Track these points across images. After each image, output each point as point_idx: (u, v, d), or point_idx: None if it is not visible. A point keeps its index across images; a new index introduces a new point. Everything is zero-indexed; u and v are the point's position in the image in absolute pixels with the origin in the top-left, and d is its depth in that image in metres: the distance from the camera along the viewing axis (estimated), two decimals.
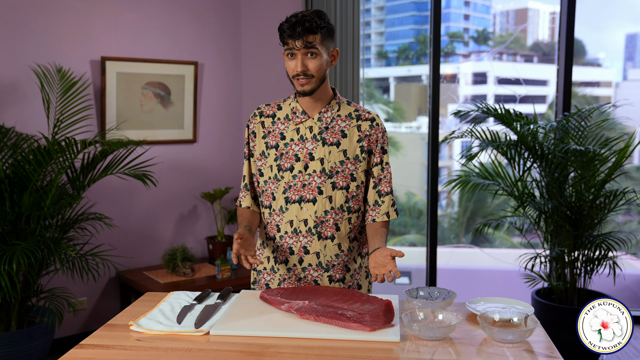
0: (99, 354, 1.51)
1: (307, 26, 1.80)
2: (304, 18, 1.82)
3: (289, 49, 1.85)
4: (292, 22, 1.83)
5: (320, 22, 1.83)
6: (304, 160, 1.93)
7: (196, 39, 4.19)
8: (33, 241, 2.99)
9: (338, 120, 1.95)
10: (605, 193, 3.56)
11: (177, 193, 4.20)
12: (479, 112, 3.76)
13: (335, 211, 1.94)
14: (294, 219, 1.94)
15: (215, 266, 3.92)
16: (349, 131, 1.94)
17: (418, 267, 5.37)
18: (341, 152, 1.93)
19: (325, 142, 1.93)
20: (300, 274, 1.98)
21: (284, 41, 1.86)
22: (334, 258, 1.97)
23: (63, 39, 3.66)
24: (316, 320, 1.68)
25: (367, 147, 1.95)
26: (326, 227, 1.94)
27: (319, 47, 1.84)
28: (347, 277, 2.01)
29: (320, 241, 1.94)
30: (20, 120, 3.53)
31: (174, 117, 4.11)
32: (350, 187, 1.94)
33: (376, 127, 1.96)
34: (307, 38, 1.81)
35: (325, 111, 1.94)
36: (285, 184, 1.94)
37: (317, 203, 1.92)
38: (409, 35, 7.47)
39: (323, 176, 1.92)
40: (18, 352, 3.08)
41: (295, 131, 1.95)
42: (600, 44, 6.23)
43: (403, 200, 7.56)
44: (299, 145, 1.93)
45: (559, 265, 3.70)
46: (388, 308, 1.68)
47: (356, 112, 1.97)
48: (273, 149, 1.96)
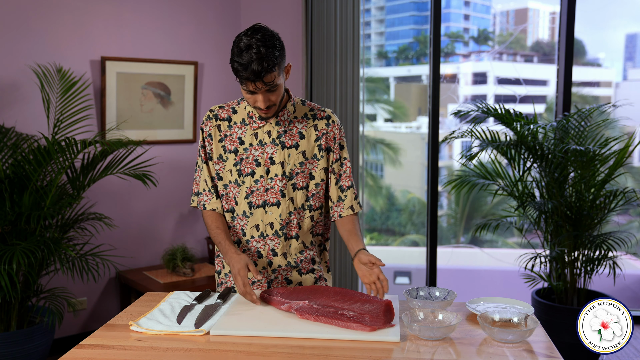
0: (99, 354, 1.51)
1: (266, 67, 1.69)
2: (260, 58, 1.68)
3: (248, 90, 1.76)
4: (245, 64, 1.69)
5: (274, 57, 1.71)
6: (265, 165, 1.93)
7: (196, 39, 4.19)
8: (33, 241, 2.99)
9: (295, 122, 1.95)
10: (605, 193, 3.56)
11: (177, 193, 4.20)
12: (479, 112, 3.76)
13: (298, 211, 1.96)
14: (259, 223, 1.95)
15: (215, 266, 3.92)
16: (307, 132, 1.95)
17: (418, 267, 5.37)
18: (300, 154, 1.94)
19: (285, 146, 1.93)
20: (270, 276, 2.00)
21: (241, 81, 1.74)
22: (299, 255, 2.00)
23: (63, 39, 3.66)
24: (316, 320, 1.68)
25: (325, 145, 1.97)
26: (291, 228, 1.96)
27: (278, 79, 1.76)
28: (316, 268, 2.05)
29: (286, 241, 1.97)
30: (20, 120, 3.53)
31: (174, 117, 4.12)
32: (309, 186, 1.96)
33: (332, 124, 1.98)
34: (266, 79, 1.71)
35: (282, 114, 1.93)
36: (247, 189, 1.94)
37: (281, 206, 1.93)
38: (409, 35, 7.47)
39: (284, 179, 1.93)
40: (18, 352, 3.08)
41: (254, 136, 1.94)
42: (600, 44, 6.23)
43: (403, 201, 7.56)
44: (259, 150, 1.93)
45: (559, 265, 3.70)
46: (388, 308, 1.68)
47: (311, 112, 1.98)
48: (232, 153, 1.95)
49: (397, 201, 7.58)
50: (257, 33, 1.72)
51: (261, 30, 1.74)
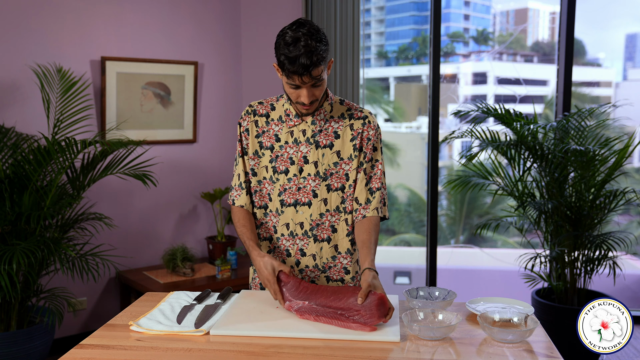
0: (99, 354, 1.51)
1: (315, 60, 1.68)
2: (309, 51, 1.67)
3: (294, 84, 1.74)
4: (294, 58, 1.68)
5: (322, 51, 1.70)
6: (299, 163, 1.91)
7: (196, 39, 4.19)
8: (33, 241, 2.99)
9: (331, 122, 1.92)
10: (605, 193, 3.56)
11: (177, 193, 4.20)
12: (479, 112, 3.76)
13: (330, 213, 1.93)
14: (290, 222, 1.94)
15: (215, 266, 3.92)
16: (342, 131, 1.93)
17: (418, 267, 5.37)
18: (335, 154, 1.92)
19: (319, 145, 1.91)
20: (297, 275, 1.97)
21: (287, 74, 1.72)
22: (330, 260, 1.96)
23: (63, 39, 3.66)
24: (316, 320, 1.68)
25: (359, 145, 1.93)
26: (322, 230, 1.93)
27: (324, 74, 1.75)
28: (347, 279, 1.99)
29: (316, 244, 1.94)
30: (20, 120, 3.53)
31: (174, 117, 4.11)
32: (345, 187, 1.93)
33: (368, 124, 1.94)
34: (314, 73, 1.70)
35: (318, 113, 1.91)
36: (280, 187, 1.93)
37: (313, 206, 1.92)
38: (409, 35, 7.47)
39: (317, 179, 1.91)
40: (18, 352, 3.08)
41: (289, 134, 1.92)
42: (600, 44, 6.23)
43: (403, 201, 7.56)
44: (294, 148, 1.91)
45: (559, 265, 3.70)
46: (381, 301, 1.66)
47: (349, 112, 1.95)
48: (268, 150, 1.94)
49: (396, 201, 7.59)
50: (302, 27, 1.71)
51: (307, 24, 1.72)
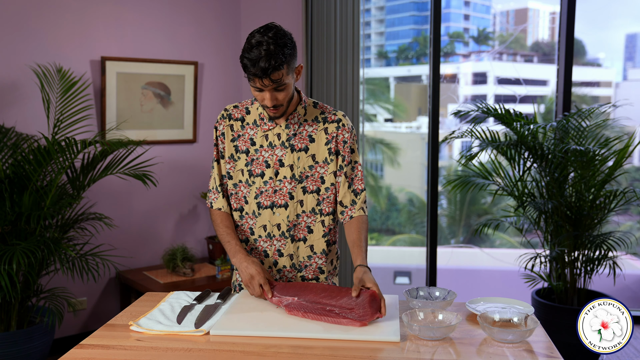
0: (99, 354, 1.51)
1: (273, 64, 1.69)
2: (269, 55, 1.69)
3: (256, 87, 1.76)
4: (254, 60, 1.69)
5: (284, 55, 1.72)
6: (274, 167, 1.94)
7: (196, 39, 4.19)
8: (33, 241, 2.99)
9: (305, 125, 1.94)
10: (605, 193, 3.56)
11: (177, 193, 4.20)
12: (479, 112, 3.76)
13: (307, 214, 1.96)
14: (267, 224, 1.96)
15: (215, 266, 3.92)
16: (317, 135, 1.95)
17: (418, 267, 5.37)
18: (310, 157, 1.94)
19: (294, 149, 1.93)
20: (275, 276, 2.00)
21: (249, 77, 1.75)
22: (306, 259, 1.99)
23: (63, 39, 3.66)
24: (304, 316, 1.69)
25: (335, 149, 1.95)
26: (299, 230, 1.97)
27: (286, 78, 1.76)
28: (321, 279, 2.03)
29: (293, 243, 1.97)
30: (20, 120, 3.53)
31: (174, 117, 4.11)
32: (320, 190, 1.96)
33: (342, 127, 1.96)
34: (274, 76, 1.72)
35: (292, 117, 1.93)
36: (256, 190, 1.95)
37: (289, 208, 1.94)
38: (409, 35, 7.47)
39: (293, 182, 1.93)
40: (18, 352, 3.08)
41: (264, 137, 1.94)
42: (600, 44, 6.24)
43: (403, 200, 7.56)
44: (269, 152, 1.94)
45: (559, 265, 3.70)
46: (373, 298, 1.68)
47: (322, 115, 1.97)
48: (243, 153, 1.96)
49: (397, 201, 7.59)
50: (269, 31, 1.73)
51: (274, 29, 1.75)
